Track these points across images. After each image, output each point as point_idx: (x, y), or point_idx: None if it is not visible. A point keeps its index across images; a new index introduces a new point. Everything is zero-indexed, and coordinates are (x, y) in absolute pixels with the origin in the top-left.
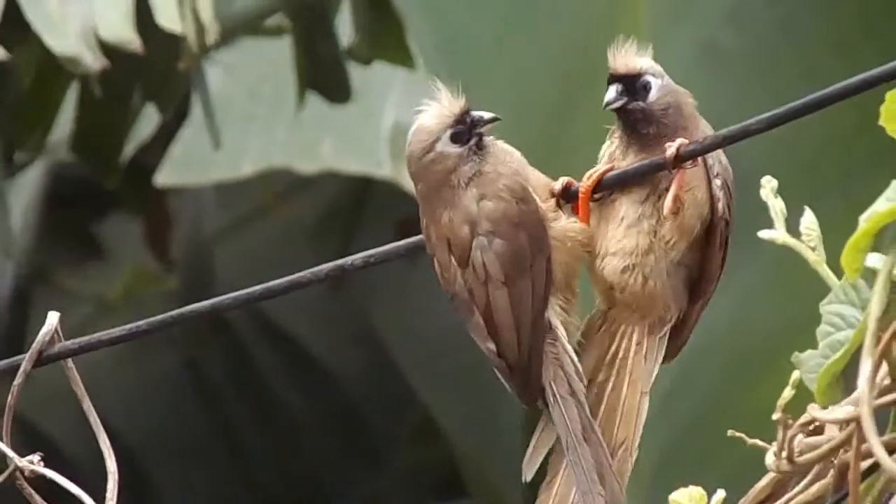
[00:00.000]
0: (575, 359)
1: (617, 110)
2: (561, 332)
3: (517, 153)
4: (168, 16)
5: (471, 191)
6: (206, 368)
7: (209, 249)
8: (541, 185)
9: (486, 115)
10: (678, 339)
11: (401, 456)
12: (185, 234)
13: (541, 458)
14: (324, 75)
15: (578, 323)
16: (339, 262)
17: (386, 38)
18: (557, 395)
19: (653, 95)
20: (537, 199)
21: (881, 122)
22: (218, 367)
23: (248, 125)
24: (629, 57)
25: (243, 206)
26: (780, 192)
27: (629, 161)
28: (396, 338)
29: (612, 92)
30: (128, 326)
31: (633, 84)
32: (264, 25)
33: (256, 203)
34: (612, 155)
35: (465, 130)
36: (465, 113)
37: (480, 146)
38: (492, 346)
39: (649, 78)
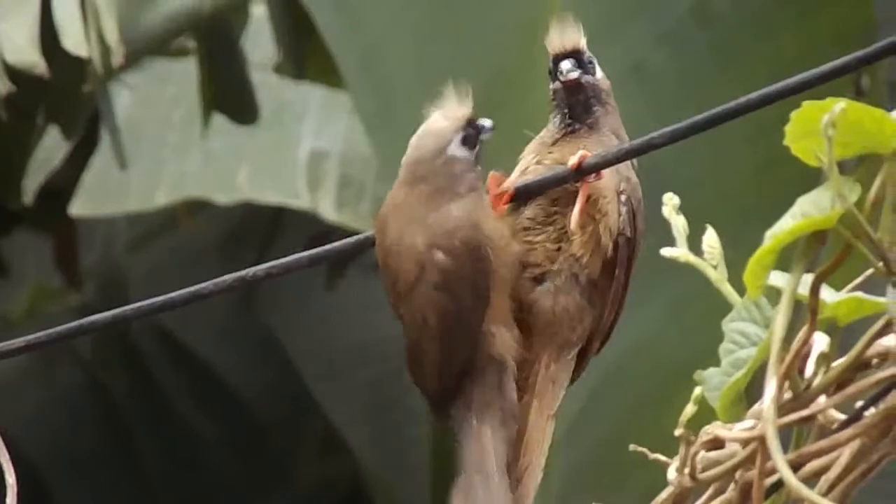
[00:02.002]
0: (514, 397)
1: (561, 94)
2: (510, 366)
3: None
4: (73, 39)
5: (455, 207)
6: (110, 385)
7: (120, 268)
8: (496, 228)
9: (487, 122)
10: (581, 363)
11: (305, 472)
12: (96, 253)
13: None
14: (229, 95)
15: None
16: (241, 273)
17: (309, 56)
18: (486, 423)
19: (599, 73)
20: (490, 252)
21: (786, 142)
22: (122, 383)
23: (161, 152)
24: (574, 33)
25: (154, 222)
26: (708, 218)
27: (549, 162)
28: (302, 354)
29: (568, 63)
30: (28, 337)
31: (581, 59)
32: (170, 47)
33: (167, 219)
34: (526, 169)
35: (473, 135)
36: (473, 118)
37: (479, 158)
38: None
39: (591, 56)
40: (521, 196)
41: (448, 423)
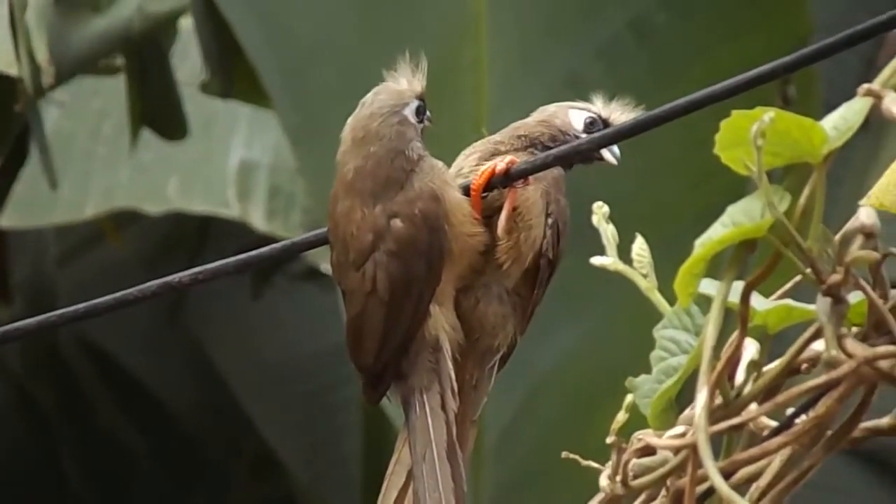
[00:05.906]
0: (453, 378)
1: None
2: (446, 348)
3: (441, 165)
4: (4, 58)
5: (416, 178)
6: (38, 400)
7: (50, 282)
8: (458, 204)
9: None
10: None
11: (238, 490)
12: (26, 267)
13: (395, 494)
14: (158, 112)
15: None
16: (168, 278)
17: (238, 74)
18: (427, 406)
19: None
20: (446, 225)
21: (716, 151)
22: (50, 397)
23: (91, 165)
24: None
25: (83, 235)
26: (641, 229)
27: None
28: (234, 368)
29: (616, 150)
30: None
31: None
32: (100, 64)
33: (96, 232)
34: (461, 170)
35: (423, 110)
36: (423, 95)
37: (422, 136)
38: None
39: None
40: (516, 178)
41: (379, 403)
